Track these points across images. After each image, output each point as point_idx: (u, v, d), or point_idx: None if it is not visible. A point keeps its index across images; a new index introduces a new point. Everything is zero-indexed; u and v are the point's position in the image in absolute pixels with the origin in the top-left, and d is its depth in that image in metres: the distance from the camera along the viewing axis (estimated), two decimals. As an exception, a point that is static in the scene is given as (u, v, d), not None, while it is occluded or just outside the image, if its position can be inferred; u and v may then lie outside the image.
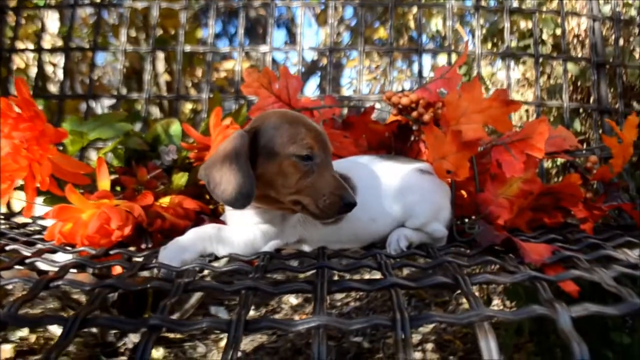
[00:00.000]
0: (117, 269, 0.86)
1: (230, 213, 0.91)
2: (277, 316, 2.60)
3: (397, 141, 1.14)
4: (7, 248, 0.87)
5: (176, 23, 1.75)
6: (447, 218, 0.93)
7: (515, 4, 1.62)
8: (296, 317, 2.57)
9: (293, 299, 2.76)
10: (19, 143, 0.93)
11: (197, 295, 2.25)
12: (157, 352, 2.08)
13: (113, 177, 1.12)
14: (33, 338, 2.08)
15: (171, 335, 2.21)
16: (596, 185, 1.38)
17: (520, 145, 0.92)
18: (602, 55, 1.48)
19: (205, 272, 0.81)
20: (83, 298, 2.16)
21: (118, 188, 1.08)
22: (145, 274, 1.13)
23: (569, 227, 1.05)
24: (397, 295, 0.62)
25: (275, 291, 0.66)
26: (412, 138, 1.12)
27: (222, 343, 2.22)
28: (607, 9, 1.61)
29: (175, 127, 1.26)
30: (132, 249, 0.90)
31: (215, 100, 1.24)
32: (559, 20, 1.58)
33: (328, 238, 0.89)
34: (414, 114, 1.06)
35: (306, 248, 0.90)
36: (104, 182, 0.94)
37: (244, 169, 0.78)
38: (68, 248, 0.87)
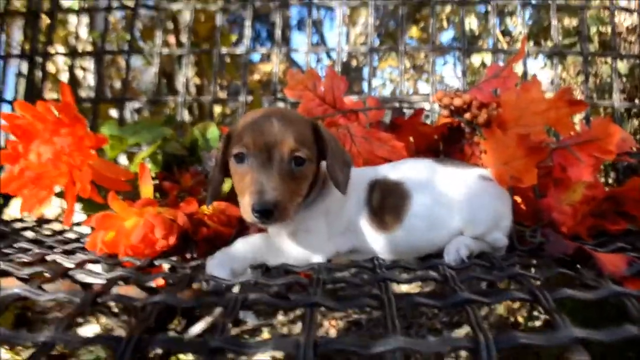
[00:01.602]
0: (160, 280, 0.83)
1: None
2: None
3: (447, 144, 1.08)
4: (48, 258, 0.84)
5: (205, 28, 1.72)
6: (508, 226, 0.87)
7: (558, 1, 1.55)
8: (325, 323, 2.52)
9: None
10: (60, 148, 0.90)
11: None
12: (187, 357, 2.05)
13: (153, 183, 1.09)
14: (63, 344, 2.06)
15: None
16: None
17: (588, 148, 0.86)
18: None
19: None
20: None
21: (157, 194, 1.04)
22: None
23: (632, 235, 0.98)
24: (475, 313, 0.57)
25: (340, 307, 0.61)
26: (463, 141, 1.06)
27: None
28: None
29: (213, 131, 1.23)
30: (174, 258, 0.86)
31: (255, 103, 1.20)
32: (604, 17, 1.51)
33: (383, 248, 0.84)
34: (467, 115, 1.01)
35: (358, 258, 0.85)
36: (147, 188, 0.91)
37: (214, 170, 0.82)
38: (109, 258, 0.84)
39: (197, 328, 2.05)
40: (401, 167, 0.89)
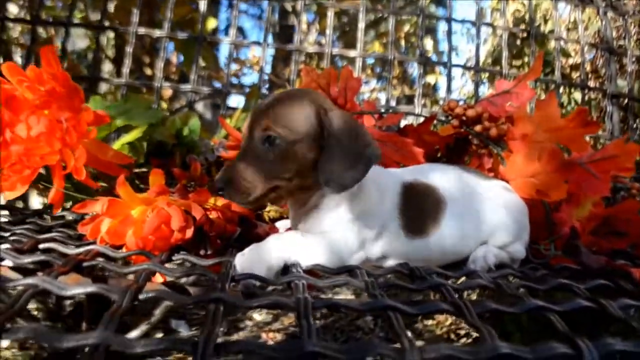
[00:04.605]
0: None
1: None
2: (241, 334, 2.44)
3: (451, 154, 1.08)
4: (41, 247, 0.71)
5: (181, 12, 1.61)
6: (526, 239, 0.88)
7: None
8: (263, 335, 2.43)
9: (257, 315, 2.60)
10: (56, 122, 0.78)
11: (162, 308, 2.06)
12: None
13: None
14: None
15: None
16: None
17: (604, 165, 0.89)
18: (615, 87, 1.53)
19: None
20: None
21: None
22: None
23: (620, 253, 1.03)
24: (560, 322, 0.56)
25: (417, 312, 0.57)
26: (469, 152, 1.07)
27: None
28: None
29: (194, 122, 1.14)
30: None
31: (253, 94, 1.13)
32: (567, 50, 1.62)
33: (414, 255, 0.80)
34: (478, 127, 1.02)
35: (388, 264, 0.81)
36: (157, 175, 0.81)
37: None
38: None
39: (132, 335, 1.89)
40: (431, 173, 0.86)
